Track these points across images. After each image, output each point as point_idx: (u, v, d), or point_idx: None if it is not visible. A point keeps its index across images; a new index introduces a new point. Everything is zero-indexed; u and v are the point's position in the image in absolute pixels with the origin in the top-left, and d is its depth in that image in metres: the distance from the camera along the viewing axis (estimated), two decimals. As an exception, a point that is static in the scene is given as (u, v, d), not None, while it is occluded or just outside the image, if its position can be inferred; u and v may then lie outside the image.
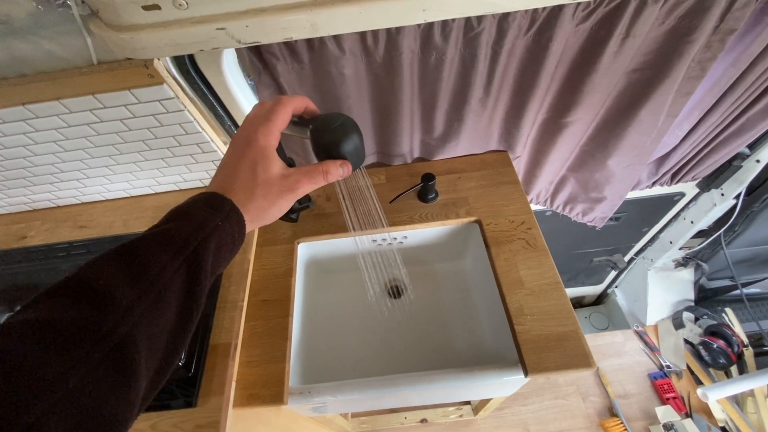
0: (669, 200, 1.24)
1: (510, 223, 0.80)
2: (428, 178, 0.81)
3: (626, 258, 1.57)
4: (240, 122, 0.74)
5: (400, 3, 0.44)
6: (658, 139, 0.83)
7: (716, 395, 1.30)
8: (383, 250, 0.89)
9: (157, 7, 0.43)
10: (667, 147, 0.94)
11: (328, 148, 0.46)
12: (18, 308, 0.24)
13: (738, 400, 1.36)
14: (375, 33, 0.59)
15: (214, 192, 0.34)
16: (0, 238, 0.83)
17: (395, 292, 0.95)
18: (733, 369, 1.40)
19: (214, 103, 0.68)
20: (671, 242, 1.39)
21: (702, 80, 0.70)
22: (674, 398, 1.40)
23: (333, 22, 0.46)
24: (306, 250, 0.84)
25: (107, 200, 0.86)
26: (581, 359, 0.63)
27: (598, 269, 1.66)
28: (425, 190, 0.83)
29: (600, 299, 1.92)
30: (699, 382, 1.43)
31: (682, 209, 1.29)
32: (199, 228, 0.31)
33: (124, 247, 0.29)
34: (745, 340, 1.43)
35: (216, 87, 0.66)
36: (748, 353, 1.41)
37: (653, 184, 1.10)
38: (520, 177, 1.04)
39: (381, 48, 0.62)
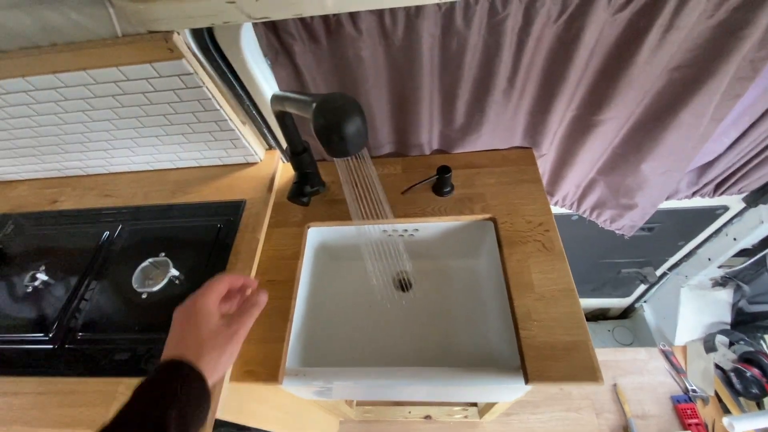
0: (710, 213, 1.15)
1: (527, 224, 0.76)
2: (444, 170, 0.79)
3: (658, 272, 1.48)
4: (259, 102, 0.74)
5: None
6: (700, 144, 0.76)
7: (744, 427, 1.21)
8: (393, 241, 0.88)
9: (170, -23, 0.43)
10: (711, 154, 0.87)
11: (329, 129, 0.45)
12: None
13: (769, 435, 1.25)
14: (393, 14, 0.57)
15: (171, 359, 0.38)
16: (34, 200, 0.88)
17: (403, 284, 0.93)
18: (766, 400, 1.29)
19: (233, 81, 0.68)
20: (710, 259, 1.29)
21: (753, 82, 0.64)
22: (697, 425, 1.31)
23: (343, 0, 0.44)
24: (316, 235, 0.84)
25: (132, 172, 0.89)
26: (588, 372, 0.59)
27: (627, 281, 1.58)
28: (440, 182, 0.81)
29: (626, 313, 1.82)
30: (726, 411, 1.33)
31: (725, 224, 1.19)
32: (159, 400, 0.35)
33: None
34: (784, 372, 1.31)
35: (235, 64, 0.66)
36: (786, 386, 1.30)
37: (693, 194, 1.02)
38: (545, 177, 0.99)
39: (399, 31, 0.60)
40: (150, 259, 0.72)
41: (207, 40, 0.60)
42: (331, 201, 0.84)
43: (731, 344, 1.41)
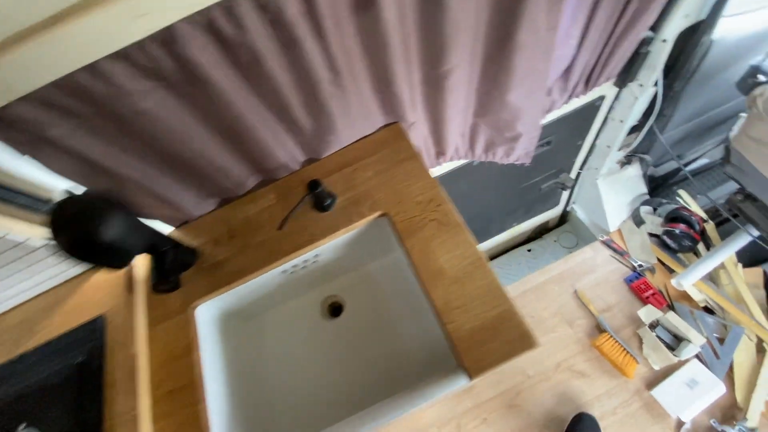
0: (591, 107, 1.17)
1: (418, 205, 0.70)
2: (313, 185, 0.70)
3: (572, 174, 1.52)
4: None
5: (103, 16, 0.31)
6: (548, 57, 0.73)
7: (690, 280, 1.30)
8: (299, 275, 0.79)
9: None
10: (567, 59, 0.85)
11: (83, 243, 0.34)
12: None
13: (712, 277, 1.36)
14: (143, 50, 0.44)
15: None
16: None
17: (333, 310, 0.85)
18: (700, 247, 1.40)
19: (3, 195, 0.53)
20: (608, 146, 1.33)
21: (568, -21, 0.60)
22: (653, 295, 1.39)
23: (28, 72, 0.32)
24: (209, 310, 0.72)
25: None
26: (523, 340, 0.56)
27: (550, 193, 1.61)
28: (317, 198, 0.72)
29: (563, 219, 1.89)
30: (671, 271, 1.42)
31: (608, 111, 1.22)
32: None
33: None
34: (704, 216, 1.42)
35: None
36: (710, 227, 1.41)
37: (569, 98, 1.02)
38: (428, 140, 0.93)
39: (167, 66, 0.48)
40: (9, 439, 0.58)
41: None
42: (209, 267, 0.72)
43: (654, 210, 1.50)
